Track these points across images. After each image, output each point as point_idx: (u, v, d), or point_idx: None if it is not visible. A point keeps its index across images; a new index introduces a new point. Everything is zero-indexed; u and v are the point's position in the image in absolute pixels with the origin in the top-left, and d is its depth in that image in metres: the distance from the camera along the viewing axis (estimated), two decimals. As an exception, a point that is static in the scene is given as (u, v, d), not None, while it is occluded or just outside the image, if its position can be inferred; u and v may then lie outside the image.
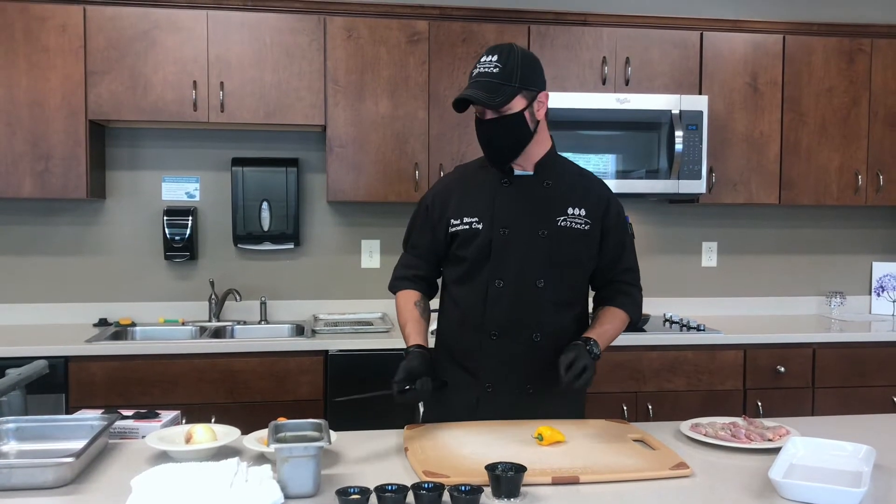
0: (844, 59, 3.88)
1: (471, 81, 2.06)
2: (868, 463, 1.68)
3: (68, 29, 3.36)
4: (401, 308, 2.20)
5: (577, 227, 2.10)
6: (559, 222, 2.09)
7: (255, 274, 3.87)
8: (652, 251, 4.15)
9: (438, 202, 2.18)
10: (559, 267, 2.10)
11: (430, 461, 1.71)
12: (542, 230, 2.08)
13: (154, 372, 3.18)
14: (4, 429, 1.86)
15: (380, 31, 3.56)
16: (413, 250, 2.26)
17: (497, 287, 2.08)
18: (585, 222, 2.11)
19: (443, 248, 2.19)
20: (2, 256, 3.70)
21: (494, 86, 2.02)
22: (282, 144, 3.86)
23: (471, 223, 2.10)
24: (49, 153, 3.38)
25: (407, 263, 2.26)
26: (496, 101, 2.01)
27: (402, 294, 2.23)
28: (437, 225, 2.17)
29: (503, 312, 2.08)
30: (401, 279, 2.25)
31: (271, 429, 1.66)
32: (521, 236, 2.08)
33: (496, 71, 2.02)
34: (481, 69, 2.05)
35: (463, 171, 2.28)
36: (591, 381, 1.95)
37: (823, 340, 3.64)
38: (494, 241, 2.08)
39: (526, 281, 2.08)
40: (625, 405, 3.44)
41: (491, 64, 2.03)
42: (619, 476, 1.66)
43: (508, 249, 2.08)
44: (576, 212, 2.11)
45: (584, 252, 2.13)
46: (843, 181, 3.92)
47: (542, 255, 2.08)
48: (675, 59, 3.76)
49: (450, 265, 2.20)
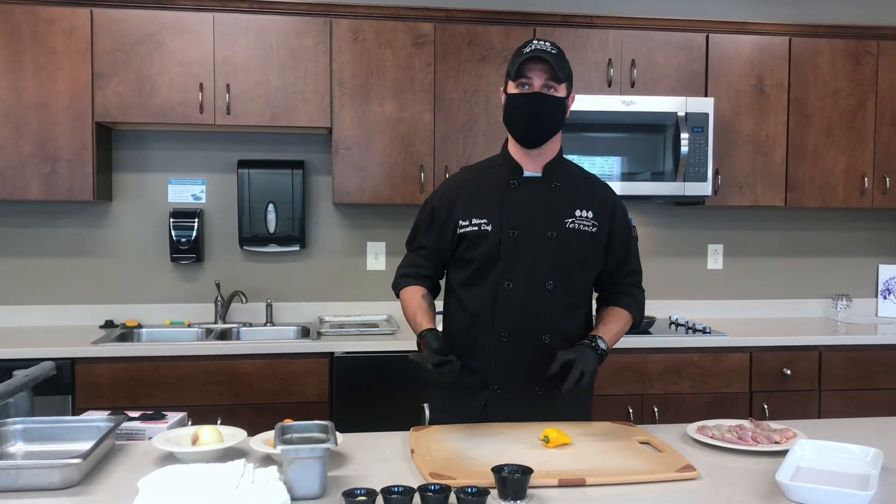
0: (851, 61, 3.87)
1: (528, 53, 2.02)
2: (876, 466, 1.67)
3: (75, 31, 3.37)
4: (407, 301, 2.18)
5: (584, 229, 2.10)
6: (567, 224, 2.09)
7: (260, 276, 3.87)
8: (657, 253, 4.15)
9: (445, 203, 2.17)
10: (567, 268, 2.10)
11: (437, 463, 1.71)
12: (551, 232, 2.08)
13: (160, 374, 3.19)
14: (11, 430, 1.87)
15: (385, 34, 3.56)
16: (418, 251, 2.24)
17: (506, 289, 2.08)
18: (593, 224, 2.11)
19: (449, 250, 2.17)
20: (9, 258, 3.72)
21: (558, 58, 2.03)
22: (288, 147, 3.87)
23: (479, 224, 2.10)
24: (56, 155, 3.39)
25: (411, 263, 2.25)
26: (561, 73, 2.03)
27: (407, 290, 2.20)
28: (444, 226, 2.16)
29: (513, 314, 2.08)
30: (405, 277, 2.24)
31: (277, 430, 1.66)
32: (530, 238, 2.08)
33: (555, 52, 2.04)
34: (537, 46, 2.03)
35: (469, 172, 2.27)
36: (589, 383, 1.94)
37: (830, 343, 3.63)
38: (504, 242, 2.08)
39: (535, 282, 2.08)
40: (630, 408, 3.44)
41: (548, 45, 2.04)
42: (626, 478, 1.65)
43: (518, 251, 2.07)
44: (583, 214, 2.11)
45: (591, 254, 2.13)
46: (850, 184, 3.91)
47: (551, 256, 2.08)
48: (680, 61, 3.76)
49: (455, 268, 2.19)
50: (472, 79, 3.62)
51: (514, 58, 2.06)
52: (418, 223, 2.26)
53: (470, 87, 3.62)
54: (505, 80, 2.12)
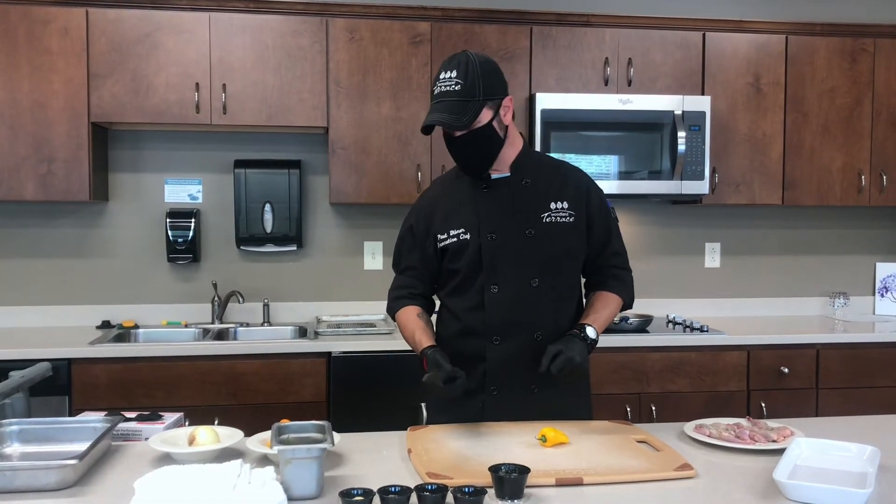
0: (847, 59, 3.88)
1: (434, 103, 2.03)
2: (873, 464, 1.67)
3: (71, 32, 3.36)
4: (404, 323, 2.18)
5: (562, 221, 2.10)
6: (544, 219, 2.09)
7: (257, 276, 3.87)
8: (655, 252, 4.15)
9: (422, 220, 2.18)
10: (551, 263, 2.10)
11: (434, 463, 1.71)
12: (528, 230, 2.08)
13: (157, 374, 3.18)
14: (8, 431, 1.86)
15: (382, 33, 3.56)
16: (406, 272, 2.24)
17: (493, 293, 2.08)
18: (570, 214, 2.11)
19: (435, 264, 2.18)
20: (5, 259, 3.71)
21: (459, 105, 1.99)
22: (284, 146, 3.87)
23: (458, 235, 2.11)
24: (52, 156, 3.38)
25: (402, 284, 2.24)
26: (464, 121, 2.00)
27: (403, 311, 2.19)
28: (424, 242, 2.17)
29: (502, 317, 2.08)
30: (398, 299, 2.22)
31: (274, 431, 1.66)
32: (509, 239, 2.08)
33: (458, 88, 1.99)
34: (443, 88, 2.01)
35: (440, 184, 2.29)
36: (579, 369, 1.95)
37: (827, 341, 3.63)
38: (484, 248, 2.08)
39: (521, 283, 2.08)
40: (628, 406, 3.44)
41: (451, 81, 1.99)
42: (623, 477, 1.65)
43: (499, 254, 2.08)
44: (558, 205, 2.11)
45: (573, 244, 2.13)
46: (846, 182, 3.91)
47: (533, 254, 2.08)
48: (677, 60, 3.76)
49: (443, 279, 2.19)
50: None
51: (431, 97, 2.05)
52: (400, 245, 2.26)
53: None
54: None
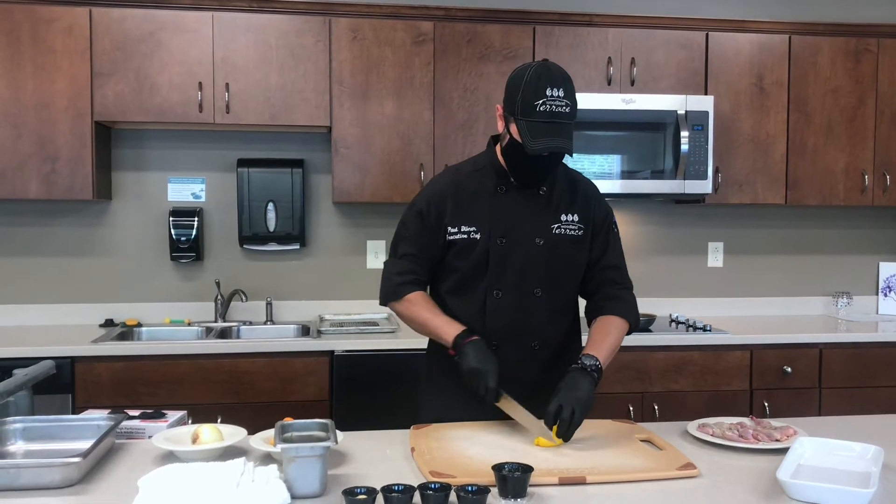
0: (850, 58, 3.87)
1: (546, 123, 1.89)
2: (876, 463, 1.67)
3: (74, 31, 3.37)
4: (418, 306, 2.07)
5: (570, 234, 2.08)
6: (554, 230, 2.07)
7: (260, 274, 3.87)
8: (657, 252, 4.15)
9: (434, 207, 2.08)
10: (555, 275, 2.08)
11: (437, 461, 1.71)
12: (538, 239, 2.06)
13: (160, 372, 3.19)
14: (12, 429, 1.87)
15: (385, 32, 3.56)
16: (407, 257, 2.11)
17: (496, 297, 2.06)
18: (578, 227, 2.09)
19: (439, 255, 2.10)
20: (9, 257, 3.72)
21: (569, 128, 1.91)
22: (287, 145, 3.87)
23: (469, 232, 2.05)
24: (55, 155, 3.39)
25: (403, 269, 2.11)
26: (572, 146, 1.92)
27: (411, 296, 2.08)
28: (435, 231, 2.08)
29: (503, 322, 2.06)
30: (403, 284, 2.09)
31: (278, 429, 1.66)
32: (518, 245, 2.05)
33: (568, 111, 1.90)
34: (553, 108, 1.88)
35: (454, 174, 2.16)
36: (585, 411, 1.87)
37: (830, 341, 3.63)
38: (492, 251, 2.04)
39: (524, 290, 2.06)
40: (631, 406, 3.44)
41: (562, 102, 1.88)
42: (626, 476, 1.65)
43: (506, 259, 2.05)
44: (569, 218, 2.09)
45: (577, 258, 2.11)
46: (850, 181, 3.90)
47: (539, 264, 2.06)
48: (680, 60, 3.76)
49: (441, 275, 2.13)
50: (471, 77, 3.62)
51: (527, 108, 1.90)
52: (404, 229, 2.15)
53: (469, 85, 3.62)
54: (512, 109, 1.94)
